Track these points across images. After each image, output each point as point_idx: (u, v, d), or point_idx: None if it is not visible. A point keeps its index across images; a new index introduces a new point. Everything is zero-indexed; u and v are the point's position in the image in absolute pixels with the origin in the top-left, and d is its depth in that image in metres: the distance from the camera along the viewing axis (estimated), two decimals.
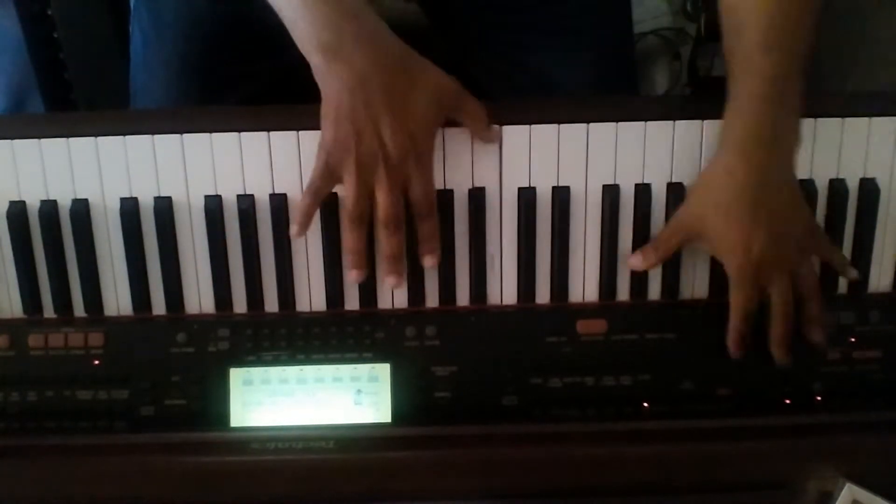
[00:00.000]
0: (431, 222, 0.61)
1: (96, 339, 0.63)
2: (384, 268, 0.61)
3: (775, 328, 0.61)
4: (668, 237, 0.62)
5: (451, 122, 0.61)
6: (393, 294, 0.64)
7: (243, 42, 0.72)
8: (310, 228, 0.61)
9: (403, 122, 0.57)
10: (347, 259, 0.61)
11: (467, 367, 0.63)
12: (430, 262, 0.62)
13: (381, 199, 0.59)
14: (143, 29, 0.75)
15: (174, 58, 0.72)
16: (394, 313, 0.64)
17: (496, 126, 0.62)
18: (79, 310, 0.64)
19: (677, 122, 0.63)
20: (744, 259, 0.59)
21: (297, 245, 0.63)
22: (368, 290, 0.64)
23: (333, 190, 0.61)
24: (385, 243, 0.60)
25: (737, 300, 0.60)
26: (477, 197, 0.63)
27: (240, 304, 0.64)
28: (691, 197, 0.62)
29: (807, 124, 0.63)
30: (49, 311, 0.64)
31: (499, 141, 0.62)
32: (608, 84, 0.78)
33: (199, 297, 0.64)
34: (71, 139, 0.62)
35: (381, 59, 0.57)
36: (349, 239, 0.60)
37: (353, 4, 0.57)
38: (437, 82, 0.60)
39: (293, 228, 0.61)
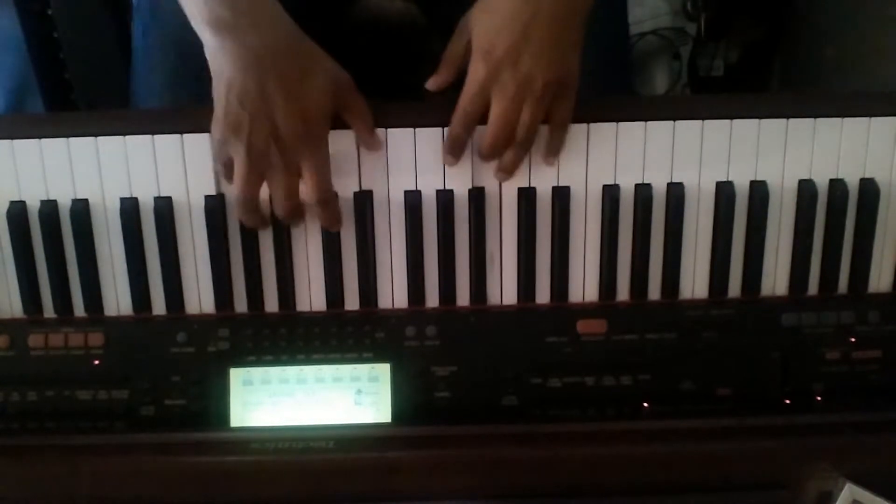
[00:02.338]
0: (331, 208, 0.61)
1: (96, 339, 0.63)
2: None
3: (489, 135, 0.59)
4: (451, 45, 0.61)
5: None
6: (393, 294, 0.64)
7: None
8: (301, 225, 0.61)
9: (297, 105, 0.56)
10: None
11: (467, 367, 0.63)
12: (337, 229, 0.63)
13: (275, 185, 0.58)
14: (143, 19, 0.74)
15: (173, 48, 0.72)
16: (394, 313, 0.64)
17: (380, 133, 0.62)
18: (79, 310, 0.64)
19: (677, 122, 0.63)
20: (481, 59, 0.58)
21: (297, 245, 0.63)
22: (368, 290, 0.64)
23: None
24: (283, 222, 0.61)
25: (461, 102, 0.59)
26: (477, 197, 0.63)
27: (240, 304, 0.64)
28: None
29: (807, 124, 0.63)
30: (49, 311, 0.64)
31: (382, 149, 0.62)
32: (603, 85, 0.78)
33: (199, 297, 0.64)
34: (71, 139, 0.62)
35: (275, 40, 0.56)
36: (242, 219, 0.61)
37: None
38: (332, 71, 0.59)
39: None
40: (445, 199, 0.63)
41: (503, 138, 0.59)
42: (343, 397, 0.62)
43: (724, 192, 0.63)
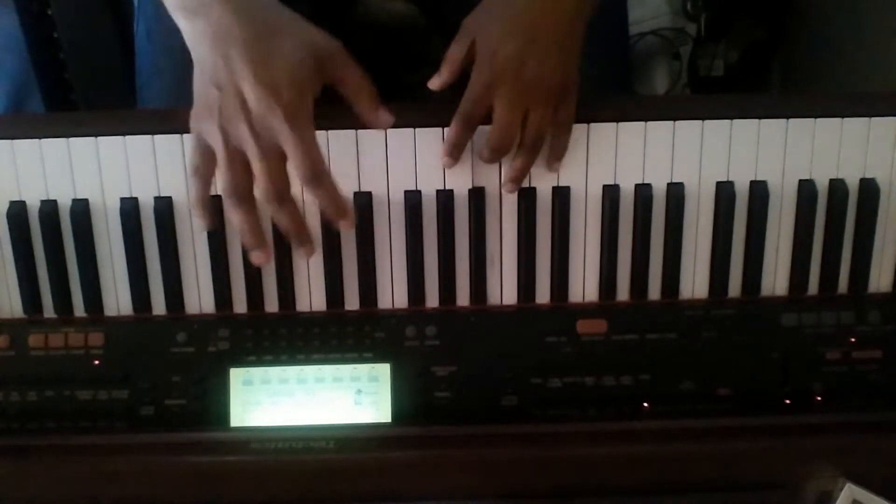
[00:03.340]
0: (325, 189, 0.54)
1: (96, 339, 0.63)
2: (292, 245, 0.57)
3: (493, 139, 0.59)
4: (453, 46, 0.60)
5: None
6: (393, 294, 0.64)
7: None
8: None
9: (264, 72, 0.51)
10: (244, 240, 0.56)
11: (467, 367, 0.63)
12: (346, 228, 0.57)
13: (253, 166, 0.53)
14: (146, 21, 0.74)
15: (179, 52, 0.72)
16: (394, 313, 0.64)
17: (385, 112, 0.58)
18: (79, 310, 0.64)
19: (677, 122, 0.63)
20: (485, 62, 0.57)
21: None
22: (368, 290, 0.64)
23: None
24: (275, 219, 0.56)
25: (463, 104, 0.59)
26: (477, 197, 0.63)
27: (240, 304, 0.64)
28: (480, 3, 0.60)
29: (807, 124, 0.63)
30: (49, 311, 0.64)
31: (387, 126, 0.58)
32: (603, 85, 0.78)
33: (199, 297, 0.64)
34: (71, 139, 0.62)
35: (243, 11, 0.53)
36: (233, 218, 0.55)
37: None
38: (311, 39, 0.55)
39: (198, 224, 0.59)
40: (445, 199, 0.63)
41: (507, 142, 0.59)
42: (343, 397, 0.62)
43: (724, 192, 0.63)
